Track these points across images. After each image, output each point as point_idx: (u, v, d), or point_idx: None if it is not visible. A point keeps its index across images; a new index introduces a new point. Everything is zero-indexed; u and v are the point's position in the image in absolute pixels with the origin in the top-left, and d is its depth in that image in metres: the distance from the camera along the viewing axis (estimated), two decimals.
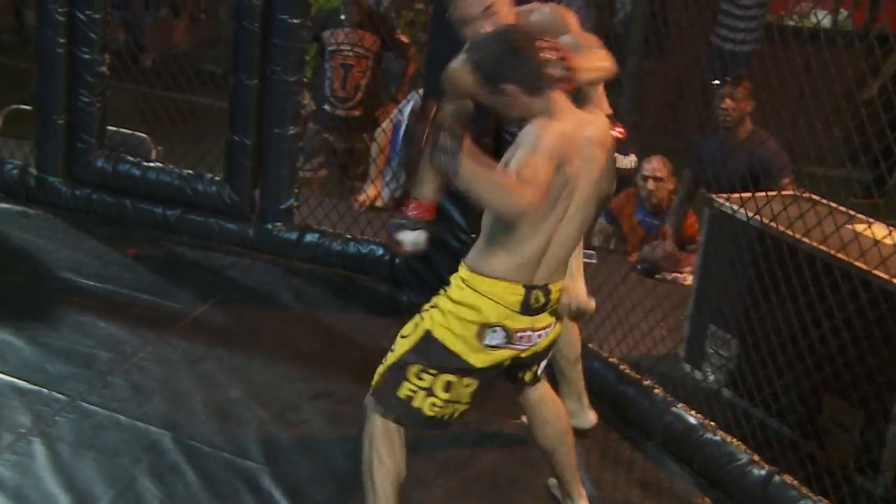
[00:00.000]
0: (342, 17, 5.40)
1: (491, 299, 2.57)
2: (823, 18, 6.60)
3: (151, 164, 4.66)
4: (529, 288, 2.59)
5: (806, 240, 3.39)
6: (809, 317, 3.28)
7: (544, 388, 2.86)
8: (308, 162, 5.38)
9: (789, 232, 3.45)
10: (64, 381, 3.43)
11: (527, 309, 2.59)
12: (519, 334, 2.61)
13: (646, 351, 3.84)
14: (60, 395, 3.35)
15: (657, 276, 4.74)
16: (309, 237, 4.47)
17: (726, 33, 6.76)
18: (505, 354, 2.64)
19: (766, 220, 3.50)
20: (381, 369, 2.67)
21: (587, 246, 5.12)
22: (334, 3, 5.84)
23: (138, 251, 4.43)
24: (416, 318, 2.66)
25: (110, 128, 4.74)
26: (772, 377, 3.41)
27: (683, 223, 4.98)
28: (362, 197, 5.26)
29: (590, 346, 3.81)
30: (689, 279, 4.45)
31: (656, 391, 3.53)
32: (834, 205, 3.60)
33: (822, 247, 3.35)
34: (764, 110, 4.67)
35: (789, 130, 3.96)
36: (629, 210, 5.18)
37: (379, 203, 5.21)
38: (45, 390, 3.37)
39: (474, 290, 2.58)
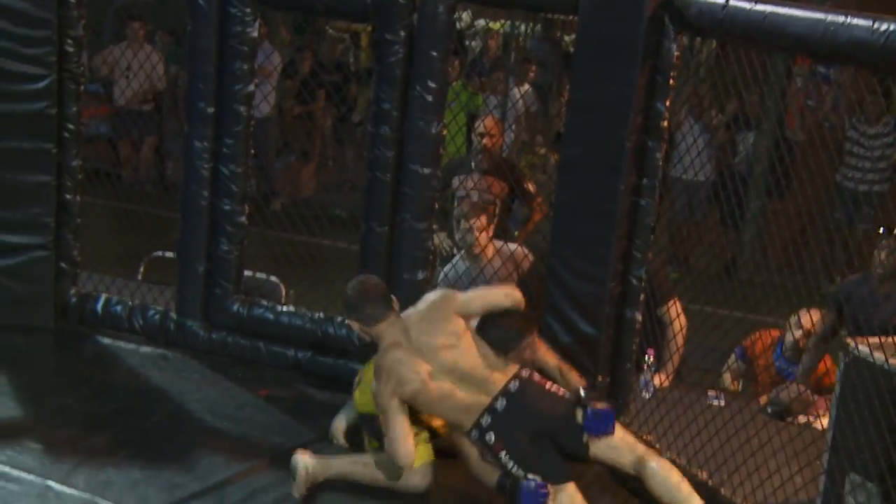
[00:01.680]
0: (472, 164, 5.56)
1: None
2: None
3: (284, 309, 4.80)
4: None
5: None
6: None
7: None
8: None
9: None
10: None
11: None
12: None
13: (784, 499, 3.71)
14: None
15: (788, 419, 4.60)
16: None
17: (855, 174, 6.66)
18: None
19: None
20: None
21: (714, 387, 5.06)
22: (463, 152, 6.02)
23: (270, 392, 4.54)
24: None
25: (246, 272, 4.93)
26: None
27: (818, 365, 4.85)
28: None
29: (722, 491, 3.72)
30: (822, 423, 4.32)
31: None
32: None
33: None
34: None
35: None
36: (768, 353, 5.07)
37: None
38: None
39: None
